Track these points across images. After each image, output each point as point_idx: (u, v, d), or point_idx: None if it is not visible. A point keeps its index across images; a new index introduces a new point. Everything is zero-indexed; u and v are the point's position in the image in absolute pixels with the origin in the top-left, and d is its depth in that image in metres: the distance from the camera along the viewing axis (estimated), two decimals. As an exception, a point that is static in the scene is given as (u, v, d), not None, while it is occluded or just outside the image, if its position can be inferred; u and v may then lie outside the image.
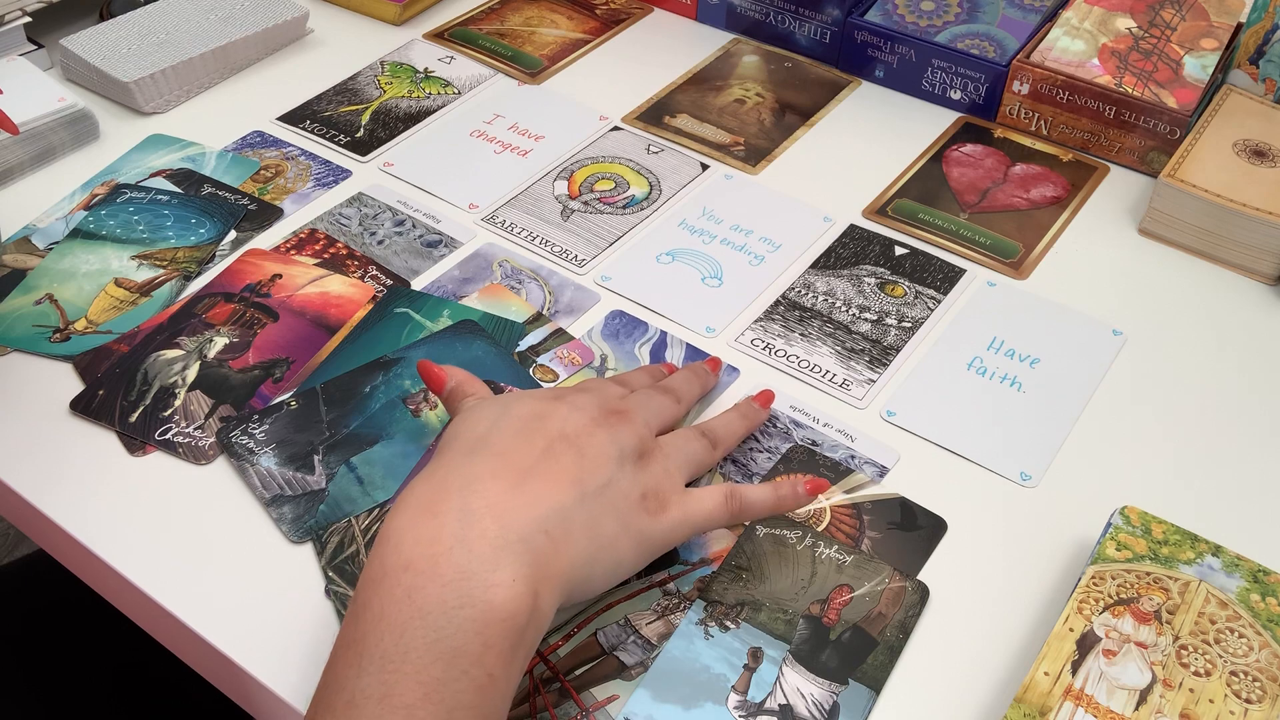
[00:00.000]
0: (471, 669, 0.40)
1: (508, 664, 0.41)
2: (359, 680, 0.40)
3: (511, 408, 0.49)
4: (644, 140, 0.79)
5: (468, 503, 0.43)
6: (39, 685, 0.72)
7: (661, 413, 0.54)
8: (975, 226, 0.72)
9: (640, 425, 0.51)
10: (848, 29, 0.84)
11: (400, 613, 0.40)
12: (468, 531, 0.42)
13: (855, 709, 0.48)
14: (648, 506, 0.48)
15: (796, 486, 0.53)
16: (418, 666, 0.39)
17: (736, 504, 0.51)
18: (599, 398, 0.51)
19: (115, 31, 0.83)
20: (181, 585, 0.52)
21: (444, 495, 0.44)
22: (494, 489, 0.44)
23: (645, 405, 0.53)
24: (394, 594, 0.41)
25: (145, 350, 0.62)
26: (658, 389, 0.56)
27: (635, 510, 0.48)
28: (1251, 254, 0.69)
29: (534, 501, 0.44)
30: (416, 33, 0.90)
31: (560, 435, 0.48)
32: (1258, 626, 0.48)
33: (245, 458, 0.57)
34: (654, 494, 0.49)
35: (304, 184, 0.75)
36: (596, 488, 0.46)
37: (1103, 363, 0.64)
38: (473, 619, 0.40)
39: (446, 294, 0.67)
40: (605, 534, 0.46)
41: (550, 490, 0.45)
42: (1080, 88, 0.77)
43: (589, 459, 0.47)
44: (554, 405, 0.49)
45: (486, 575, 0.41)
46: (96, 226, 0.70)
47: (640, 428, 0.50)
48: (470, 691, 0.40)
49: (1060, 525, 0.55)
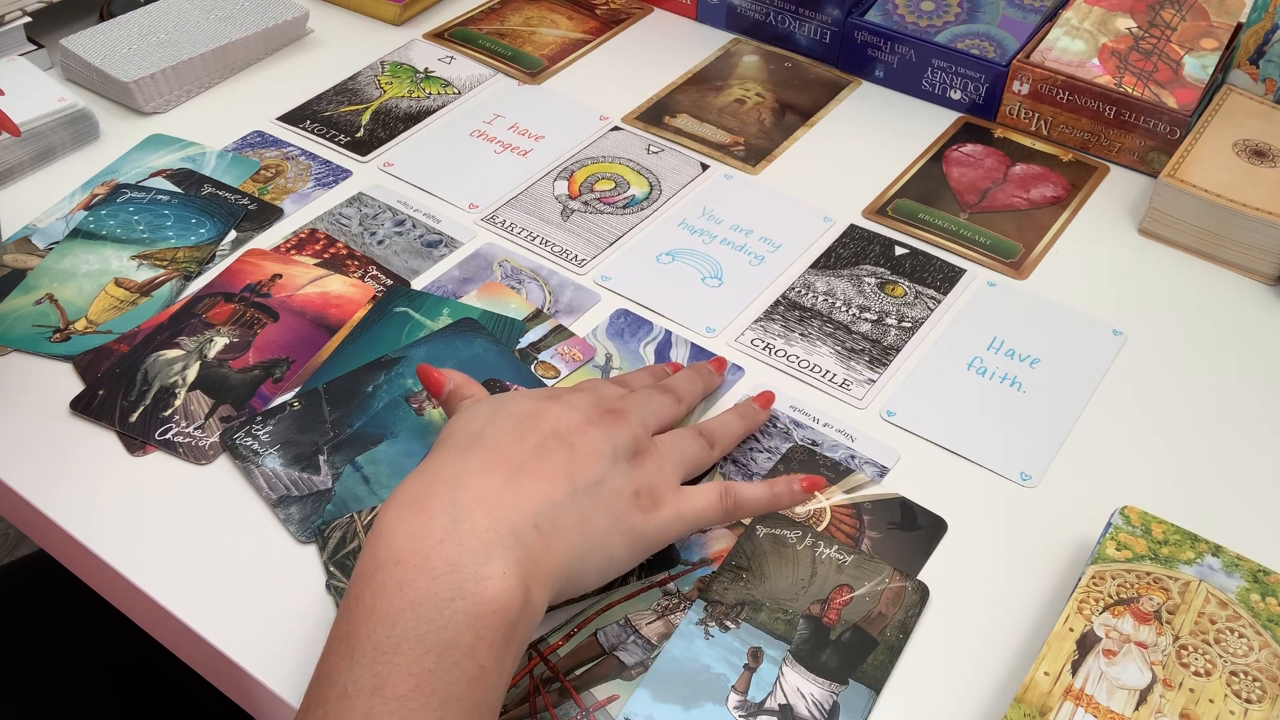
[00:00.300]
0: (463, 660, 0.40)
1: (500, 656, 0.41)
2: (351, 672, 0.40)
3: (505, 406, 0.49)
4: (644, 140, 0.79)
5: (457, 497, 0.44)
6: (38, 685, 0.72)
7: (660, 412, 0.54)
8: (975, 226, 0.72)
9: (636, 424, 0.51)
10: (848, 29, 0.84)
11: (392, 605, 0.41)
12: (458, 525, 0.42)
13: (855, 709, 0.48)
14: (640, 504, 0.48)
15: (792, 484, 0.53)
16: (410, 658, 0.40)
17: (731, 501, 0.51)
18: (595, 397, 0.51)
19: (115, 31, 0.83)
20: (181, 585, 0.52)
21: (434, 489, 0.44)
22: (485, 483, 0.44)
23: (643, 405, 0.53)
24: (385, 587, 0.41)
25: (145, 350, 0.62)
26: (658, 388, 0.56)
27: (628, 507, 0.48)
28: (1251, 254, 0.69)
29: (525, 496, 0.45)
30: (416, 33, 0.90)
31: (553, 432, 0.48)
32: (1258, 626, 0.48)
33: (250, 459, 0.57)
34: (647, 491, 0.49)
35: (304, 184, 0.75)
36: (588, 484, 0.47)
37: (1103, 363, 0.64)
38: (464, 611, 0.41)
39: (447, 294, 0.67)
40: (597, 530, 0.46)
41: (541, 486, 0.45)
42: (1080, 88, 0.77)
43: (581, 455, 0.47)
44: (548, 404, 0.49)
45: (477, 568, 0.41)
46: (96, 226, 0.70)
47: (635, 427, 0.50)
48: (462, 683, 0.40)
49: (1060, 525, 0.55)
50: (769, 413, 0.59)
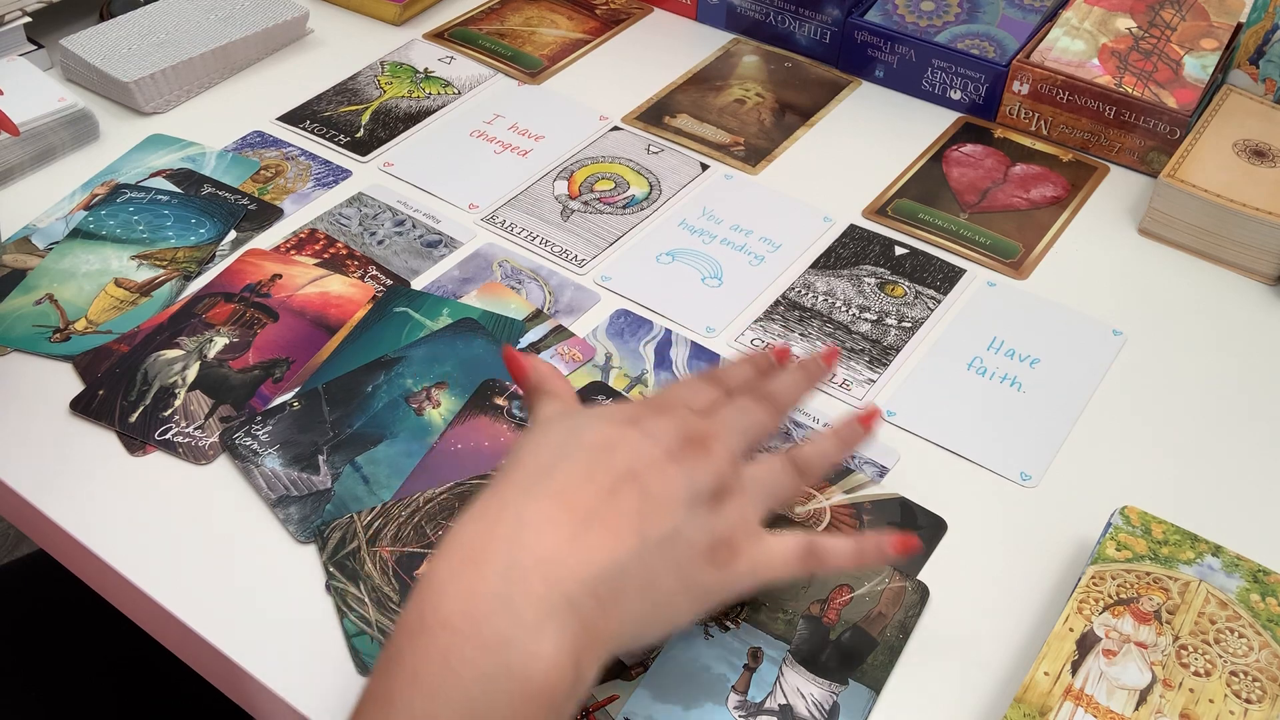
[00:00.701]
0: None
1: None
2: None
3: (582, 433, 0.45)
4: (644, 140, 0.79)
5: (516, 557, 0.40)
6: (38, 685, 0.72)
7: (752, 430, 0.48)
8: (975, 226, 0.72)
9: (721, 457, 0.45)
10: (848, 29, 0.84)
11: (434, 676, 0.38)
12: (513, 591, 0.40)
13: (855, 709, 0.48)
14: (715, 558, 0.44)
15: (882, 545, 0.47)
16: None
17: (815, 560, 0.46)
18: (679, 422, 0.46)
19: (115, 31, 0.83)
20: (181, 585, 0.52)
21: (492, 544, 0.41)
22: (547, 540, 0.41)
23: (733, 425, 0.48)
24: (429, 653, 0.39)
25: (145, 350, 0.62)
26: (755, 397, 0.50)
27: (700, 564, 0.44)
28: (1251, 254, 0.69)
29: (588, 558, 0.41)
30: (416, 33, 0.90)
31: (628, 472, 0.43)
32: (1258, 626, 0.48)
33: (250, 459, 0.57)
34: (725, 543, 0.44)
35: (304, 184, 0.75)
36: (660, 538, 0.42)
37: (1103, 363, 0.64)
38: (509, 692, 0.38)
39: (447, 294, 0.67)
40: (661, 592, 0.43)
41: (608, 541, 0.42)
42: (1080, 88, 0.77)
43: (655, 502, 0.43)
44: (626, 432, 0.45)
45: (528, 644, 0.39)
46: (96, 226, 0.70)
47: (721, 461, 0.45)
48: None
49: (1060, 525, 0.55)
50: (871, 435, 0.52)
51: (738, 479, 0.46)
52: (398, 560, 0.52)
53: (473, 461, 0.57)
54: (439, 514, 0.54)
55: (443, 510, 0.54)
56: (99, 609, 0.61)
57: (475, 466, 0.57)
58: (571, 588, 0.40)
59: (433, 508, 0.54)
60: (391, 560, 0.52)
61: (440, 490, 0.55)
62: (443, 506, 0.55)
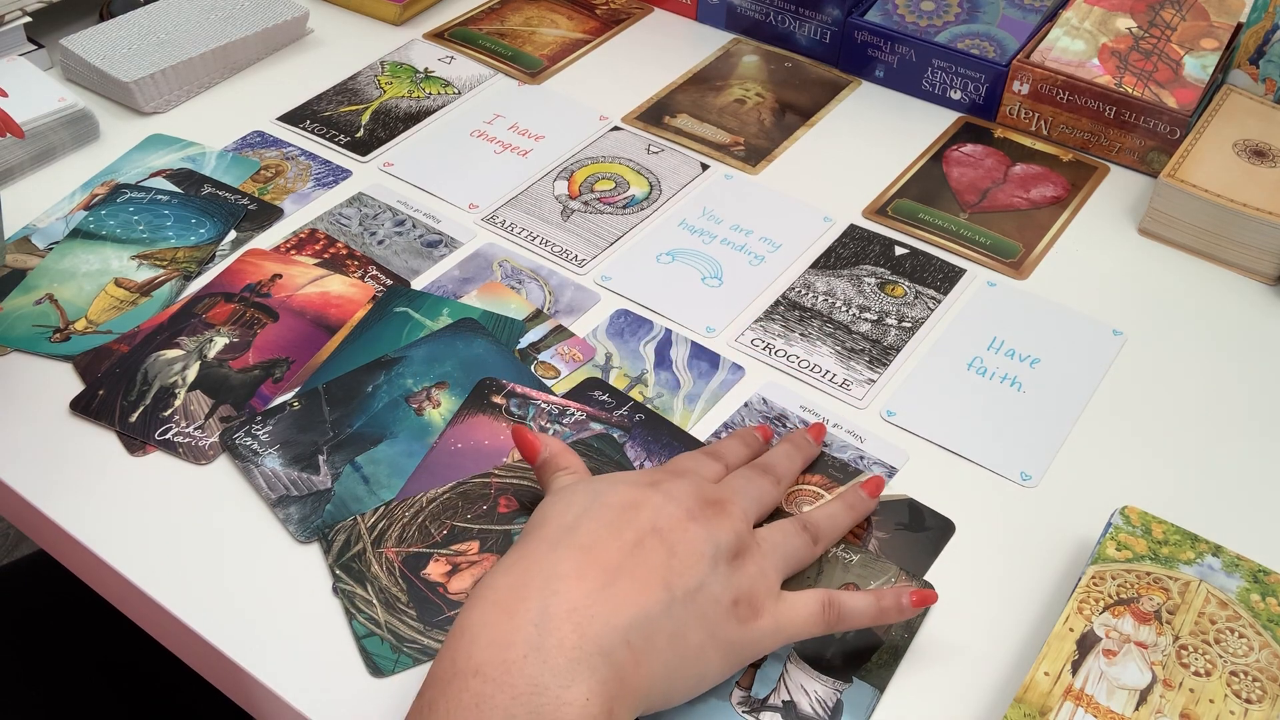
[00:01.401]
0: None
1: None
2: None
3: (604, 495, 0.47)
4: (644, 140, 0.79)
5: (547, 606, 0.41)
6: (38, 685, 0.72)
7: (761, 499, 0.51)
8: (975, 226, 0.72)
9: (738, 518, 0.48)
10: (848, 29, 0.84)
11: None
12: (545, 639, 0.40)
13: (859, 707, 0.48)
14: (739, 613, 0.45)
15: (901, 598, 0.48)
16: None
17: (834, 615, 0.47)
18: (695, 486, 0.48)
19: (115, 31, 0.83)
20: (181, 585, 0.52)
21: (524, 594, 0.42)
22: (577, 590, 0.42)
23: (744, 492, 0.50)
24: (461, 700, 0.39)
25: (145, 350, 0.62)
26: (757, 469, 0.53)
27: (725, 618, 0.45)
28: (1251, 254, 0.69)
29: (618, 608, 0.42)
30: (416, 33, 0.90)
31: (652, 529, 0.45)
32: (1258, 626, 0.48)
33: (250, 459, 0.57)
34: (747, 600, 0.46)
35: (304, 184, 0.75)
36: (686, 592, 0.44)
37: (1103, 363, 0.64)
38: None
39: (447, 294, 0.67)
40: (691, 644, 0.44)
41: (637, 594, 0.43)
42: (1080, 88, 0.77)
43: (680, 558, 0.45)
44: (648, 494, 0.47)
45: (559, 691, 0.39)
46: (96, 226, 0.70)
47: (738, 522, 0.47)
48: None
49: (1060, 525, 0.55)
50: (877, 503, 0.55)
51: (754, 541, 0.48)
52: (404, 561, 0.52)
53: (473, 460, 0.57)
54: (442, 513, 0.54)
55: (446, 510, 0.54)
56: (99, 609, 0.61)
57: (476, 465, 0.57)
58: (603, 636, 0.41)
59: (436, 507, 0.54)
60: (398, 561, 0.52)
61: (442, 490, 0.55)
62: (445, 506, 0.55)
